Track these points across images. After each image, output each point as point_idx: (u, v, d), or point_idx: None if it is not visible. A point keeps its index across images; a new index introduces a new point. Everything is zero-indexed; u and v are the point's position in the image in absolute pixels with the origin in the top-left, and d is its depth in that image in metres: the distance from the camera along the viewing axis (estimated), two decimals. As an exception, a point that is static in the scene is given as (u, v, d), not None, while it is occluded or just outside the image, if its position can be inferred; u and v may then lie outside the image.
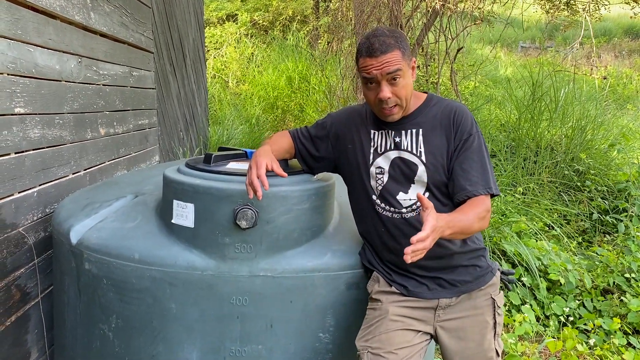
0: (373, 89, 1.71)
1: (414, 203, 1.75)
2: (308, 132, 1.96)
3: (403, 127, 1.79)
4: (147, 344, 1.86)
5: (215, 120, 8.47)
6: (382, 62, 1.65)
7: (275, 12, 13.04)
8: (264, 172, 1.67)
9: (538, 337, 3.34)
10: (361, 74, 1.73)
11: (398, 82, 1.68)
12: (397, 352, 1.71)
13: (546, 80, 6.70)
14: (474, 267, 1.80)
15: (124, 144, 3.43)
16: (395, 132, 1.79)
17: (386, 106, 1.71)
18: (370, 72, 1.67)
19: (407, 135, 1.78)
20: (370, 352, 1.73)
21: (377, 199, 1.80)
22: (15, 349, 2.17)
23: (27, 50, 2.24)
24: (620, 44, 17.06)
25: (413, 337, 1.76)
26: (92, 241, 1.93)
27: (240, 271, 1.79)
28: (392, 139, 1.79)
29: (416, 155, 1.76)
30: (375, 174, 1.80)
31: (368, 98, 1.75)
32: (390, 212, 1.78)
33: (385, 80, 1.67)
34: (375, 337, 1.74)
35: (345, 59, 7.67)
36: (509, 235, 4.00)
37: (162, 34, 4.75)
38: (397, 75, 1.67)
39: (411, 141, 1.77)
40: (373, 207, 1.81)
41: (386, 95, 1.68)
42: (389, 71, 1.65)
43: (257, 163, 1.69)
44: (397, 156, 1.78)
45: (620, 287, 3.79)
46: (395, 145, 1.78)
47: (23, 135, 2.20)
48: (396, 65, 1.66)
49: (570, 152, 5.72)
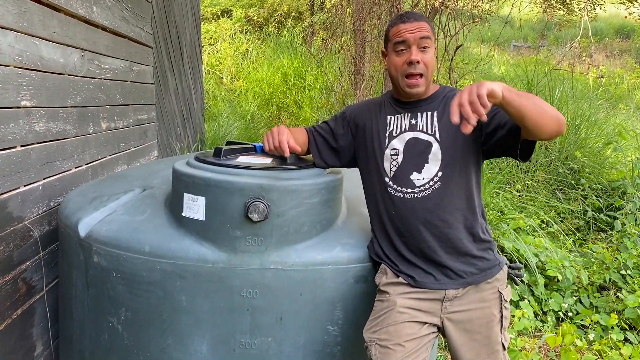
0: (403, 54, 1.78)
1: (427, 182, 1.78)
2: (327, 125, 2.01)
3: (419, 110, 1.84)
4: (156, 336, 1.86)
5: (210, 116, 8.44)
6: (415, 27, 1.76)
7: (270, 9, 13.01)
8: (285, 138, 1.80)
9: (537, 332, 3.38)
10: (393, 40, 1.81)
11: (427, 51, 1.78)
12: (404, 345, 1.73)
13: (541, 79, 6.75)
14: (481, 259, 1.82)
15: (124, 138, 3.42)
16: (412, 114, 1.84)
17: (414, 71, 1.76)
18: (403, 34, 1.77)
19: (422, 117, 1.83)
20: (378, 343, 1.75)
21: (390, 181, 1.83)
22: (21, 342, 2.17)
23: (32, 43, 2.23)
24: (611, 44, 17.20)
25: (420, 329, 1.78)
26: (102, 234, 1.93)
27: (251, 264, 1.80)
28: (408, 121, 1.84)
29: (431, 134, 1.80)
30: (390, 156, 1.83)
31: (395, 65, 1.81)
32: (403, 193, 1.80)
33: (416, 45, 1.76)
34: (383, 328, 1.76)
35: (344, 55, 7.67)
36: (507, 231, 4.04)
37: (160, 29, 4.73)
38: (427, 43, 1.78)
39: (426, 122, 1.82)
40: (386, 189, 1.83)
41: (416, 58, 1.75)
42: (421, 35, 1.76)
43: (279, 130, 1.83)
44: (412, 137, 1.82)
45: (616, 283, 3.84)
46: (410, 127, 1.83)
47: (29, 128, 2.20)
48: (427, 32, 1.78)
49: (564, 151, 5.77)
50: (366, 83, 6.81)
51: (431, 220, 1.78)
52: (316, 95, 9.16)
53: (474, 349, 1.82)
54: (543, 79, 6.77)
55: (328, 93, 8.24)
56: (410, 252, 1.81)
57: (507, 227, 4.14)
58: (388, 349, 1.73)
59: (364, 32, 6.85)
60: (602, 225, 5.01)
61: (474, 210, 1.83)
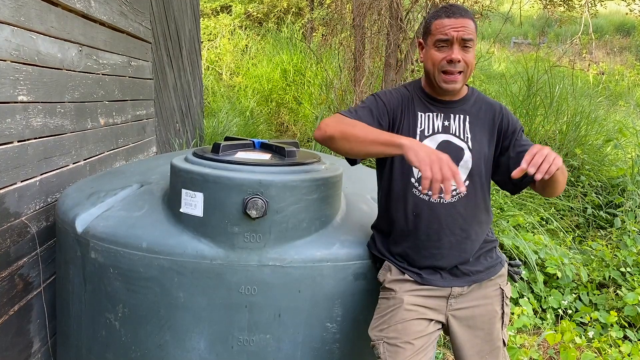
0: (444, 50, 1.71)
1: (454, 189, 1.73)
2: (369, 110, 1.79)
3: (452, 111, 1.79)
4: (154, 333, 1.85)
5: (209, 112, 8.42)
6: (460, 24, 1.69)
7: (270, 4, 12.96)
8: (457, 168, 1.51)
9: (536, 330, 3.37)
10: (435, 35, 1.72)
11: (470, 50, 1.71)
12: (413, 342, 1.72)
13: (542, 75, 6.73)
14: (486, 258, 1.83)
15: (122, 134, 3.41)
16: (444, 115, 1.79)
17: (453, 69, 1.70)
18: (448, 32, 1.69)
19: (455, 119, 1.79)
20: (386, 342, 1.73)
21: (417, 182, 1.76)
22: (17, 339, 2.16)
23: (29, 38, 2.21)
24: (611, 41, 17.17)
25: (427, 326, 1.77)
26: (99, 230, 1.91)
27: (249, 260, 1.79)
28: (441, 122, 1.78)
29: (463, 140, 1.77)
30: None
31: (434, 60, 1.72)
32: (429, 197, 1.75)
33: (458, 43, 1.69)
34: (391, 326, 1.74)
35: (343, 51, 7.64)
36: (506, 229, 4.03)
37: (159, 24, 4.71)
38: (470, 43, 1.70)
39: (459, 126, 1.78)
40: (411, 190, 1.77)
41: (457, 57, 1.68)
42: (464, 36, 1.69)
43: (448, 161, 1.49)
44: (444, 139, 1.77)
45: (616, 281, 3.83)
46: (443, 128, 1.78)
47: (26, 123, 2.18)
48: (472, 34, 1.70)
49: (564, 148, 5.76)
50: (366, 79, 6.79)
51: (453, 228, 1.75)
52: (316, 91, 9.13)
53: (477, 345, 1.81)
54: (543, 76, 6.76)
55: (327, 89, 8.21)
56: (420, 254, 1.79)
57: (507, 224, 4.13)
58: (397, 347, 1.71)
59: (363, 28, 6.81)
60: (601, 222, 5.00)
61: (489, 222, 1.84)
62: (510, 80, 8.49)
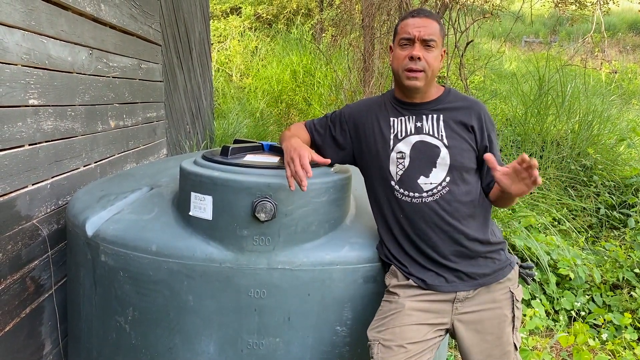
0: (406, 49, 1.78)
1: (434, 187, 1.77)
2: (326, 123, 1.98)
3: (425, 112, 1.83)
4: (164, 336, 1.85)
5: (220, 113, 8.44)
6: (422, 24, 1.77)
7: (280, 6, 12.97)
8: (307, 161, 1.66)
9: (548, 331, 3.34)
10: (399, 34, 1.81)
11: (432, 50, 1.78)
12: (407, 347, 1.71)
13: (553, 74, 6.67)
14: (492, 260, 1.80)
15: (133, 136, 3.42)
16: (416, 117, 1.83)
17: (413, 66, 1.76)
18: (411, 31, 1.77)
19: (428, 119, 1.82)
20: (381, 343, 1.73)
21: (396, 185, 1.81)
22: (29, 341, 2.17)
23: (40, 42, 2.22)
24: (624, 39, 16.99)
25: (427, 332, 1.76)
26: (109, 233, 1.92)
27: (259, 264, 1.78)
28: (413, 124, 1.83)
29: (438, 138, 1.79)
30: (396, 159, 1.81)
31: (398, 59, 1.81)
32: (410, 197, 1.78)
33: (419, 42, 1.77)
34: (389, 329, 1.74)
35: (353, 51, 7.62)
36: (518, 229, 3.99)
37: (169, 26, 4.73)
38: (431, 43, 1.77)
39: (432, 125, 1.81)
40: (392, 193, 1.82)
41: (417, 54, 1.75)
42: (427, 34, 1.76)
43: (300, 154, 1.67)
44: (418, 140, 1.81)
45: (630, 282, 3.78)
46: (416, 130, 1.82)
47: (37, 127, 2.19)
48: (433, 34, 1.77)
49: (576, 147, 5.70)
50: (375, 80, 6.77)
51: (440, 225, 1.77)
52: (325, 92, 9.12)
53: (486, 350, 1.79)
54: (555, 75, 6.69)
55: (337, 90, 8.21)
56: (420, 255, 1.79)
57: (519, 224, 4.09)
58: (390, 349, 1.71)
59: (373, 29, 6.80)
60: (615, 222, 4.94)
61: (481, 214, 1.82)
62: (522, 79, 8.43)
